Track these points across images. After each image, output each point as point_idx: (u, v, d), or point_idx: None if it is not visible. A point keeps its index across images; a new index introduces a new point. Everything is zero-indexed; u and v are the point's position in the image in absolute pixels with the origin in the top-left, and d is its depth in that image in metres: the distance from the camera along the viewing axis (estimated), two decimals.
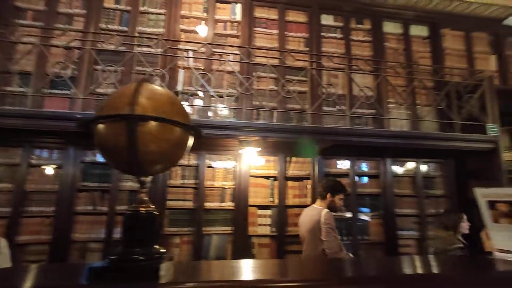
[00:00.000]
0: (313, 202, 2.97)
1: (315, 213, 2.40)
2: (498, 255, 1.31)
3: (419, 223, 3.32)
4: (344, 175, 3.28)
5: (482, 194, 1.32)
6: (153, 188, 2.88)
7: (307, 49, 3.53)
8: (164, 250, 0.90)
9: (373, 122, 3.46)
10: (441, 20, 3.87)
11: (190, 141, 0.98)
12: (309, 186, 3.20)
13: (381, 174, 3.36)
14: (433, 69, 3.51)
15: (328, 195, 2.44)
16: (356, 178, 3.37)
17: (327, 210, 2.38)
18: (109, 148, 0.89)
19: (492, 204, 1.30)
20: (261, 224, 3.06)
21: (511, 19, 3.92)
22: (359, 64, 3.45)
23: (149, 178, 0.96)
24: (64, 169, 2.73)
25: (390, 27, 3.82)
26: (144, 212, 0.89)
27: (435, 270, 1.26)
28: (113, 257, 0.82)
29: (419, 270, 1.25)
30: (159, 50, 2.94)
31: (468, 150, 3.16)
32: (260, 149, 2.94)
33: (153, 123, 0.86)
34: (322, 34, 3.62)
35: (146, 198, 0.92)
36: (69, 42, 2.67)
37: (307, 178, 3.23)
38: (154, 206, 0.92)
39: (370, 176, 3.41)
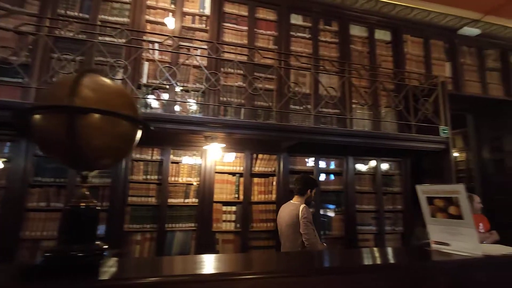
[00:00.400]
0: (279, 198, 3.05)
1: (293, 208, 2.55)
2: (434, 246, 1.42)
3: (377, 218, 3.50)
4: (309, 172, 3.38)
5: (422, 191, 1.42)
6: (114, 184, 2.78)
7: (276, 47, 3.57)
8: (106, 246, 0.88)
9: (338, 122, 3.58)
10: (402, 26, 4.08)
11: (138, 135, 0.96)
12: (274, 183, 3.26)
13: (344, 171, 3.49)
14: (394, 72, 3.69)
15: (308, 190, 2.65)
16: (323, 176, 3.49)
17: (304, 205, 2.54)
18: (48, 141, 0.85)
19: (430, 200, 1.40)
20: (226, 220, 3.07)
21: (465, 29, 4.21)
22: (326, 65, 3.55)
23: (93, 173, 0.93)
24: (14, 162, 2.55)
25: (356, 30, 3.96)
26: (85, 207, 0.86)
27: (380, 260, 1.34)
28: (48, 254, 0.79)
29: (368, 261, 1.32)
30: (123, 41, 2.82)
31: (423, 150, 3.38)
32: (225, 145, 2.94)
33: (96, 116, 0.83)
34: (291, 33, 3.67)
35: (88, 193, 0.89)
36: (18, 26, 2.48)
37: (273, 175, 3.28)
38: (96, 201, 0.89)
39: (333, 174, 3.54)
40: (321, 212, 3.36)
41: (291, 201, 2.69)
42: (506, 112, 4.25)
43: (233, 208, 3.11)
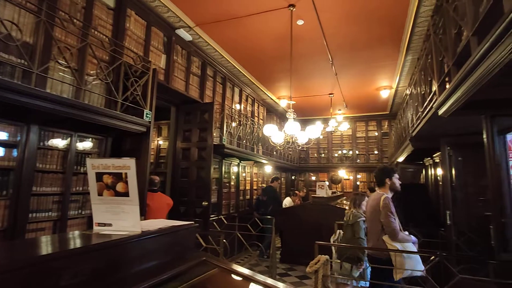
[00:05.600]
0: None
1: (375, 198, 2.92)
2: (96, 229, 1.25)
3: (61, 202, 2.97)
4: None
5: (92, 165, 1.21)
6: None
7: None
8: None
9: (24, 77, 2.66)
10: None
11: None
12: None
13: (21, 144, 2.64)
14: (110, 42, 3.37)
15: (387, 179, 2.95)
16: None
17: (386, 195, 2.86)
18: None
19: (100, 176, 1.22)
20: None
21: (181, 31, 4.75)
22: None
23: None
24: None
25: None
26: None
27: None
28: None
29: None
30: None
31: (126, 130, 3.31)
32: None
33: None
34: None
35: None
36: None
37: None
38: None
39: (3, 145, 2.57)
40: None
41: (377, 191, 3.04)
42: (196, 111, 5.27)
43: None
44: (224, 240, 4.41)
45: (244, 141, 6.90)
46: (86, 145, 3.31)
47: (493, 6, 1.46)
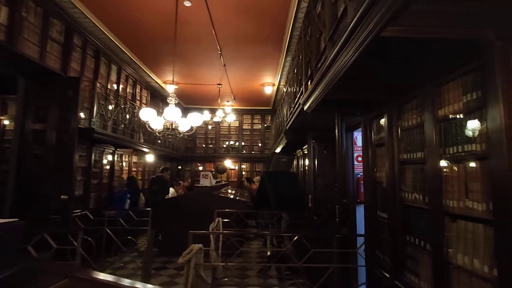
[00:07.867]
0: None
1: None
2: None
3: None
4: None
5: None
6: None
7: None
8: None
9: None
10: None
11: None
12: None
13: None
14: None
15: None
16: None
17: None
18: None
19: None
20: None
21: None
22: None
23: None
24: None
25: None
26: None
27: None
28: None
29: None
30: None
31: None
32: None
33: None
34: None
35: None
36: None
37: None
38: None
39: None
40: None
41: None
42: (56, 86, 4.34)
43: None
44: (87, 237, 3.84)
45: (122, 126, 6.17)
46: None
47: (343, 16, 1.67)
